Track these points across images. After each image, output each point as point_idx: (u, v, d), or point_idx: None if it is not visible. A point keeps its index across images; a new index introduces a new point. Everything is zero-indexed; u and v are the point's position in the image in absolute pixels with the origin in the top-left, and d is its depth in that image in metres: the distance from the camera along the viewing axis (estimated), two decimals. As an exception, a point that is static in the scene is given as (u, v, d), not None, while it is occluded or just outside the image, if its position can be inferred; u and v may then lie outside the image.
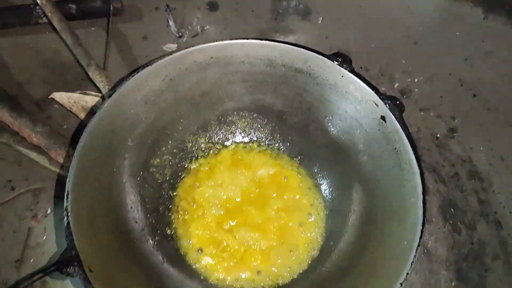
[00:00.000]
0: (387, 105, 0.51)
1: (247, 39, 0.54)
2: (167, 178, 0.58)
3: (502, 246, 0.59)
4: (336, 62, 0.53)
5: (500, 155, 0.64)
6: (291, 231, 0.56)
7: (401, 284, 0.42)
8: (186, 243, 0.55)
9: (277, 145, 0.61)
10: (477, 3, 0.75)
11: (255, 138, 0.62)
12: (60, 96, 0.67)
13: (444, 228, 0.59)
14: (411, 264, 0.43)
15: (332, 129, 0.57)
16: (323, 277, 0.52)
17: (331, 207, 0.57)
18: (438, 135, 0.66)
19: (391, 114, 0.50)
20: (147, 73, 0.52)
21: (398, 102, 0.51)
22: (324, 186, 0.58)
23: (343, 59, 0.53)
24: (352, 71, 0.53)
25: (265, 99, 0.59)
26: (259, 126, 0.61)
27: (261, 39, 0.54)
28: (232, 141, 0.62)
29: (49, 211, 0.61)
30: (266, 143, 0.62)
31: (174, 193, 0.58)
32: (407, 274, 0.43)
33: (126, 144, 0.53)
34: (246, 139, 0.62)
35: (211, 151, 0.61)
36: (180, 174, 0.59)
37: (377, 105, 0.51)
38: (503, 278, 0.57)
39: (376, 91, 0.52)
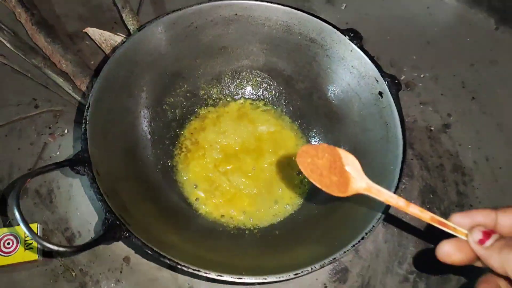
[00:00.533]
0: (386, 82, 0.55)
1: (272, 3, 0.59)
2: (177, 117, 0.63)
3: (470, 237, 0.63)
4: (347, 37, 0.58)
5: (486, 155, 0.68)
6: (279, 184, 0.61)
7: (366, 234, 0.47)
8: (184, 177, 0.60)
9: (281, 107, 0.66)
10: (491, 13, 0.79)
11: (262, 97, 0.67)
12: (93, 32, 0.73)
13: (421, 211, 0.64)
14: (378, 219, 0.48)
15: (334, 99, 0.62)
16: (300, 226, 0.57)
17: (319, 169, 0.62)
18: (432, 128, 0.70)
19: (388, 90, 0.55)
20: (175, 17, 0.58)
21: (396, 81, 0.56)
22: (317, 150, 0.63)
23: (355, 35, 0.58)
24: (361, 47, 0.58)
25: (277, 63, 0.64)
26: (267, 87, 0.66)
27: (284, 5, 0.59)
28: (241, 96, 0.67)
29: (66, 131, 0.66)
30: (272, 103, 0.67)
31: (181, 132, 0.63)
32: (373, 226, 0.48)
33: (146, 77, 0.59)
34: (254, 97, 0.67)
35: (221, 101, 0.66)
36: (189, 116, 0.65)
37: (377, 81, 0.56)
38: (467, 266, 0.61)
39: (379, 68, 0.56)
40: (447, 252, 0.38)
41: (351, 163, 0.40)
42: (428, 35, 0.78)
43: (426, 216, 0.39)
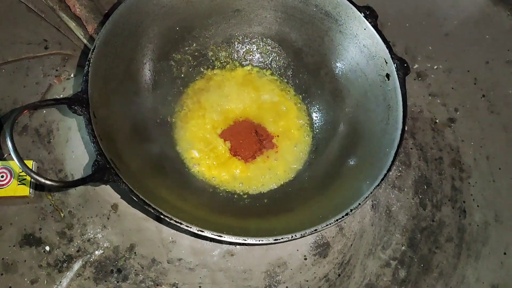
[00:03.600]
0: (395, 64, 0.55)
1: (290, -30, 0.59)
2: (182, 75, 0.63)
3: (459, 232, 0.63)
4: (363, 14, 0.57)
5: (487, 154, 0.67)
6: (274, 154, 0.61)
7: (351, 210, 0.47)
8: (181, 134, 0.61)
9: (287, 78, 0.66)
10: (515, 13, 0.77)
11: (270, 66, 0.66)
12: (110, -20, 0.73)
13: (412, 200, 0.64)
14: (366, 198, 0.48)
15: (340, 77, 0.61)
16: (288, 197, 0.57)
17: (317, 144, 0.62)
18: (437, 121, 0.69)
19: (395, 73, 0.54)
20: (193, -28, 0.57)
21: (405, 65, 0.55)
22: (316, 125, 0.63)
23: (371, 13, 0.57)
24: (375, 26, 0.57)
25: (289, 34, 0.64)
26: (277, 56, 0.66)
27: (303, -26, 0.58)
28: (249, 62, 0.66)
29: (72, 75, 0.67)
30: (279, 73, 0.66)
31: (184, 90, 0.63)
32: (359, 204, 0.48)
33: (155, 30, 0.59)
34: (262, 65, 0.66)
35: (228, 65, 0.66)
36: (194, 75, 0.64)
37: (386, 62, 0.55)
38: (450, 260, 0.61)
39: (390, 50, 0.56)
40: None
41: None
42: (448, 27, 0.77)
43: None
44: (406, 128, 0.65)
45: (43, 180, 0.42)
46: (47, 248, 0.56)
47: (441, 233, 0.63)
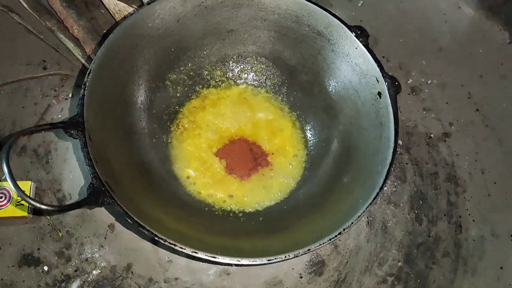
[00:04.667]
0: (386, 83, 0.55)
1: (282, -9, 0.60)
2: (178, 94, 0.64)
3: (455, 247, 0.63)
4: (354, 34, 0.58)
5: (482, 168, 0.68)
6: (270, 172, 0.62)
7: (344, 229, 0.48)
8: (176, 153, 0.61)
9: (282, 96, 0.67)
10: (507, 27, 0.78)
11: (264, 85, 0.67)
12: (108, 1, 0.74)
13: (408, 216, 0.64)
14: (358, 217, 0.49)
15: (334, 95, 0.62)
16: (283, 215, 0.58)
17: (311, 161, 0.62)
18: (432, 135, 0.70)
19: (387, 91, 0.55)
20: (186, -5, 0.58)
21: (396, 83, 0.55)
22: (311, 142, 0.64)
23: (362, 33, 0.58)
24: (366, 45, 0.58)
25: (283, 52, 0.65)
26: (271, 75, 0.67)
27: (294, -5, 0.59)
28: (244, 81, 0.67)
29: (70, 95, 0.67)
30: (273, 91, 0.67)
31: (180, 109, 0.64)
32: (352, 223, 0.48)
33: (151, 51, 0.60)
34: (257, 83, 0.67)
35: (223, 84, 0.67)
36: (190, 95, 0.65)
37: (378, 81, 0.56)
38: (446, 275, 0.61)
39: (381, 68, 0.56)
40: None
41: None
42: (441, 41, 0.77)
43: None
44: (401, 143, 0.67)
45: (38, 205, 0.43)
46: (46, 268, 0.57)
47: (438, 248, 0.63)
